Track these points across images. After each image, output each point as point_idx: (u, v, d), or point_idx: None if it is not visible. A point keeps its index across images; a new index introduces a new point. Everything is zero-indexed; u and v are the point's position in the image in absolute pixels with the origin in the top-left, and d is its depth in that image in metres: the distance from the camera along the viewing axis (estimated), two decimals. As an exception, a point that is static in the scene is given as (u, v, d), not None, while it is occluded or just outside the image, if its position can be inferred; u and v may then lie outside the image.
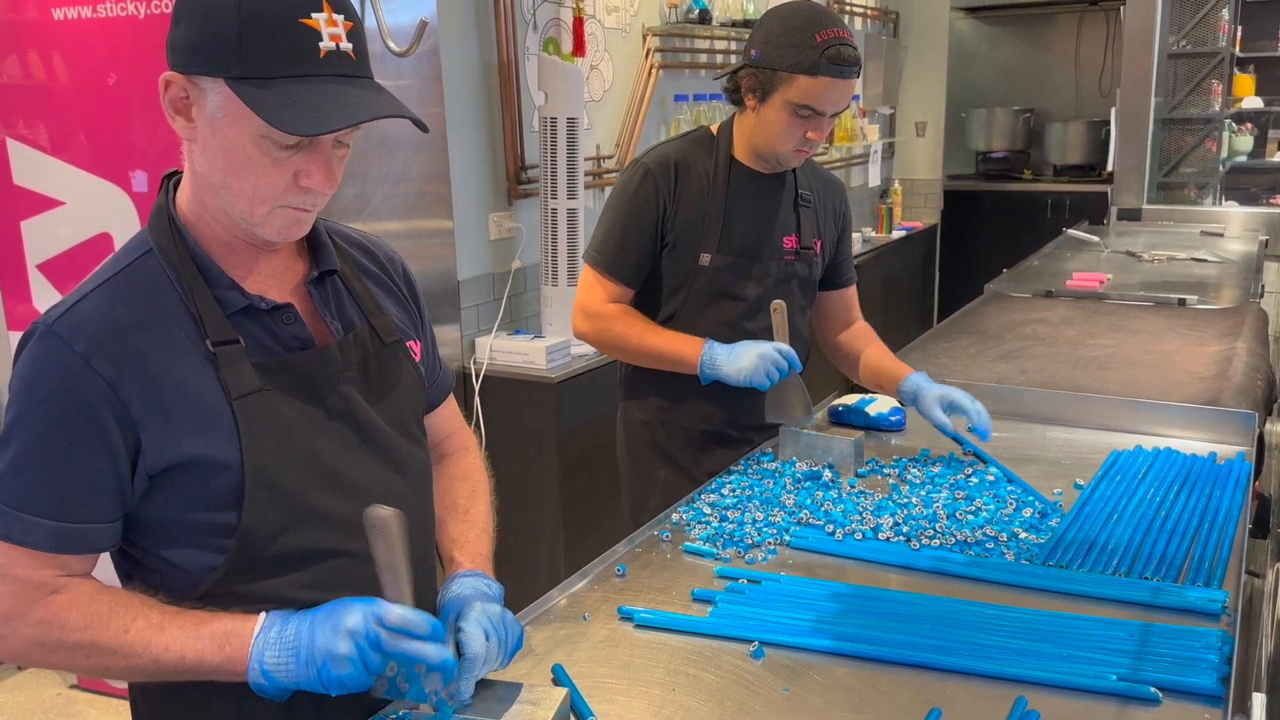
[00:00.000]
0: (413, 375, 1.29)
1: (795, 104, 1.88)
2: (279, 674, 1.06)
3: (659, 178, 1.97)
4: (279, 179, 1.07)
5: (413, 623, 1.05)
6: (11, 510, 1.06)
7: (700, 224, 1.98)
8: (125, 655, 1.08)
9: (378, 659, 1.05)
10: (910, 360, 2.66)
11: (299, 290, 1.21)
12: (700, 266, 2.00)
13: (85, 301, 1.09)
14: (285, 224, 1.12)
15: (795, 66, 1.85)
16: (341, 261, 1.26)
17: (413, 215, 2.91)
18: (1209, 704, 1.20)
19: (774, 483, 1.86)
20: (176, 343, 1.10)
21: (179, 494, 1.11)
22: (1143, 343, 2.78)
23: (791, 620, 1.39)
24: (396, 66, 2.74)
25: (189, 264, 1.12)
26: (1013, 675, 1.25)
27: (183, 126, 1.09)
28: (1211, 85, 5.59)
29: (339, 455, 1.18)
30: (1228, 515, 1.68)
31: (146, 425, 1.07)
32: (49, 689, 3.16)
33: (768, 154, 1.99)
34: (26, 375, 1.07)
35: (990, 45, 7.49)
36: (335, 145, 1.10)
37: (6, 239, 2.88)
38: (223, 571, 1.13)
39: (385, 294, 1.31)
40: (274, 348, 1.15)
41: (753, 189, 2.02)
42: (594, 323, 2.03)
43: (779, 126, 1.91)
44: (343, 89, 1.05)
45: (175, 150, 2.71)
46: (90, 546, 1.10)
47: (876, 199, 6.49)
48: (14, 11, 2.73)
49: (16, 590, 1.08)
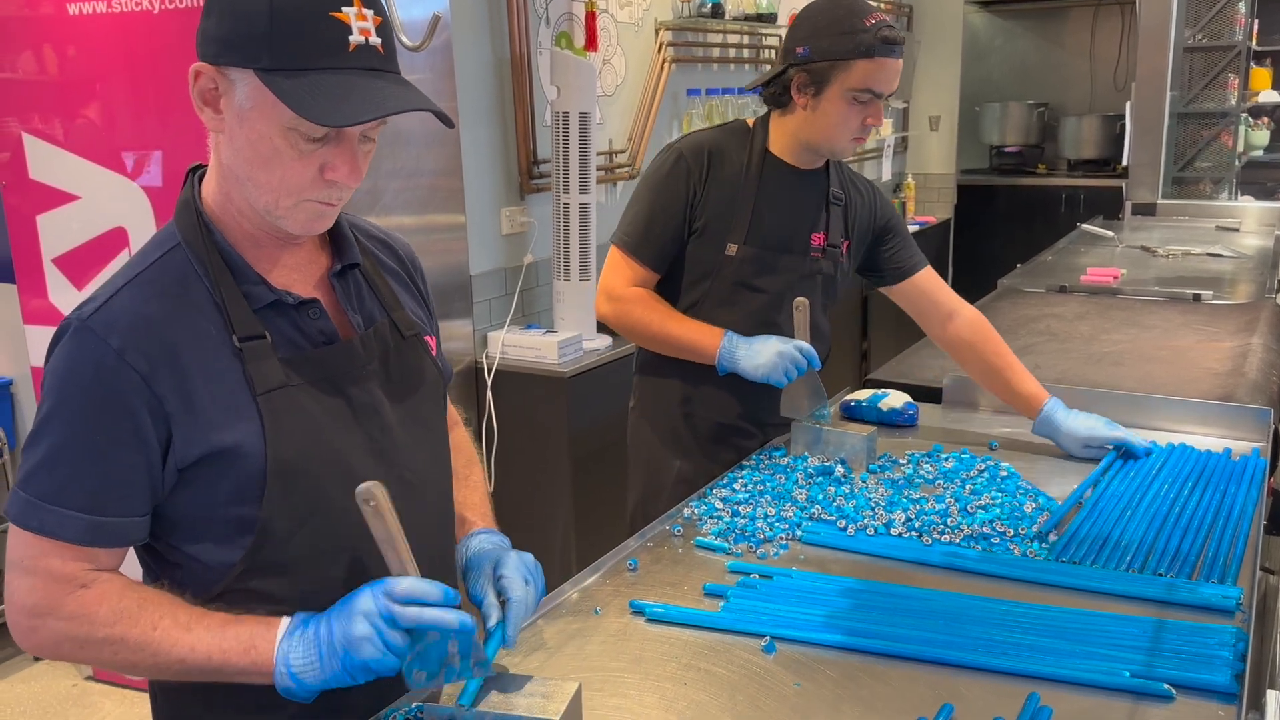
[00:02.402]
0: (433, 369, 1.30)
1: (855, 90, 1.88)
2: (306, 675, 1.06)
3: (691, 163, 1.97)
4: (305, 172, 1.08)
5: (422, 590, 1.06)
6: (45, 504, 1.07)
7: (729, 213, 1.98)
8: (152, 653, 1.08)
9: (397, 636, 1.05)
10: (923, 356, 2.66)
11: (322, 284, 1.21)
12: (726, 256, 1.99)
13: (118, 297, 1.10)
14: (310, 218, 1.12)
15: (852, 52, 1.85)
16: (362, 256, 1.26)
17: (425, 210, 2.91)
18: (1223, 701, 1.19)
19: (786, 478, 1.86)
20: (205, 336, 1.11)
21: (204, 487, 1.11)
22: (1157, 338, 2.77)
23: (803, 615, 1.39)
24: (409, 61, 2.75)
25: (216, 258, 1.13)
26: (1025, 671, 1.25)
27: (210, 118, 1.10)
28: (1228, 79, 5.55)
29: (361, 451, 1.18)
30: (1242, 511, 1.67)
31: (177, 419, 1.08)
32: (64, 680, 3.18)
33: (825, 148, 1.99)
34: (61, 370, 1.08)
35: (1004, 39, 7.45)
36: (361, 140, 1.10)
37: (23, 233, 2.90)
38: (242, 568, 1.13)
39: (403, 289, 1.32)
40: (300, 342, 1.16)
41: (785, 183, 2.02)
42: (616, 305, 2.03)
43: (838, 117, 1.91)
44: (370, 82, 1.05)
45: (189, 144, 2.73)
46: (121, 540, 1.11)
47: (889, 193, 6.48)
48: (29, 7, 2.74)
49: (48, 584, 1.08)
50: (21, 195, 2.88)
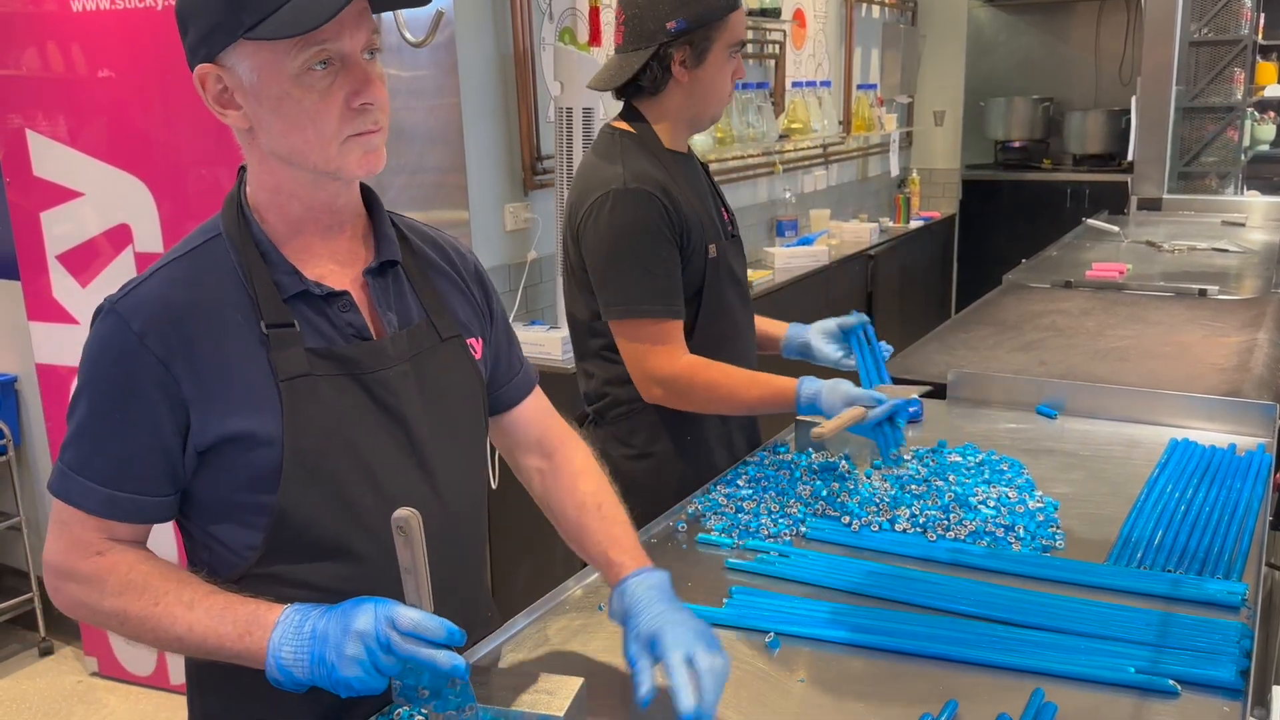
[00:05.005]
0: (470, 374, 1.29)
1: (733, 44, 1.88)
2: (295, 670, 1.06)
3: (663, 199, 1.84)
4: (332, 109, 1.09)
5: (426, 627, 1.04)
6: (72, 473, 1.13)
7: (696, 220, 1.91)
8: (152, 628, 1.11)
9: (390, 661, 1.04)
10: (928, 351, 2.66)
11: (361, 279, 1.22)
12: (711, 259, 1.95)
13: (148, 283, 1.14)
14: (363, 153, 1.13)
15: (724, 8, 1.84)
16: (409, 254, 1.27)
17: (429, 206, 2.91)
18: (1228, 697, 1.19)
19: (790, 474, 1.86)
20: (231, 324, 1.13)
21: (224, 470, 1.14)
22: (1163, 334, 2.76)
23: (807, 612, 1.39)
24: (413, 57, 2.74)
25: (251, 249, 1.15)
26: (1030, 667, 1.25)
27: (235, 118, 1.12)
28: (1234, 73, 5.54)
29: (379, 449, 1.19)
30: (1248, 507, 1.67)
31: (196, 402, 1.11)
32: (70, 676, 3.19)
33: (708, 114, 1.94)
34: (91, 350, 1.13)
35: (1009, 33, 7.43)
36: (367, 57, 1.11)
37: (27, 230, 2.90)
38: (261, 552, 1.15)
39: (452, 289, 1.31)
40: (330, 334, 1.17)
41: (689, 171, 1.98)
42: (672, 387, 1.85)
43: (720, 78, 1.89)
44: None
45: (193, 140, 2.72)
46: (137, 516, 1.14)
47: (894, 189, 6.46)
48: (34, 4, 2.74)
49: (69, 548, 1.15)
50: (25, 192, 2.88)
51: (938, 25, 6.67)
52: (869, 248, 5.27)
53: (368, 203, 1.26)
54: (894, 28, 6.28)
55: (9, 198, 2.92)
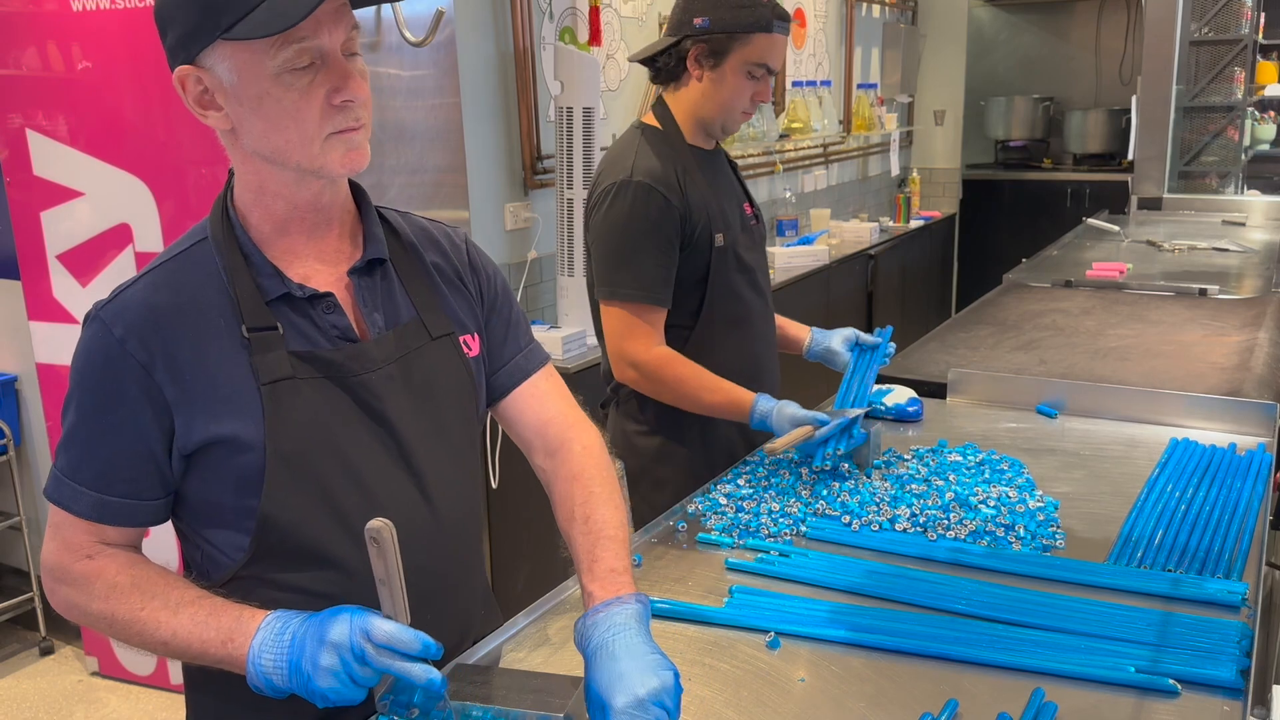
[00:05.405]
0: (462, 373, 1.27)
1: (752, 63, 1.92)
2: (274, 678, 1.06)
3: (669, 194, 1.91)
4: (313, 107, 1.09)
5: (400, 640, 1.03)
6: (64, 478, 1.15)
7: (705, 210, 1.97)
8: (138, 631, 1.12)
9: (366, 673, 1.03)
10: (928, 350, 2.66)
11: (348, 278, 1.21)
12: (718, 248, 1.99)
13: (132, 288, 1.14)
14: (346, 150, 1.12)
15: (752, 25, 1.88)
16: (400, 250, 1.26)
17: (429, 206, 2.91)
18: (1228, 696, 1.19)
19: (790, 473, 1.86)
20: (214, 328, 1.13)
21: (211, 474, 1.14)
22: (1163, 333, 2.76)
23: (808, 611, 1.39)
24: (413, 57, 2.74)
25: (235, 251, 1.15)
26: (1030, 667, 1.25)
27: (216, 119, 1.12)
28: (1234, 73, 5.53)
29: (364, 453, 1.18)
30: (1248, 507, 1.67)
31: (179, 406, 1.11)
32: (70, 676, 3.19)
33: (718, 121, 2.00)
34: (77, 357, 1.14)
35: (1010, 33, 7.43)
36: (347, 56, 1.10)
37: (27, 229, 2.90)
38: (250, 555, 1.15)
39: (446, 283, 1.30)
40: (314, 337, 1.16)
41: (710, 165, 2.05)
42: (643, 371, 1.94)
43: (735, 89, 1.94)
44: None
45: (193, 140, 2.72)
46: (127, 520, 1.15)
47: (894, 188, 6.46)
48: (34, 4, 2.74)
49: (62, 550, 1.16)
50: (26, 191, 2.88)
51: (938, 24, 6.67)
52: (869, 247, 5.27)
53: (357, 200, 1.25)
54: (894, 27, 6.28)
55: (9, 197, 2.92)
